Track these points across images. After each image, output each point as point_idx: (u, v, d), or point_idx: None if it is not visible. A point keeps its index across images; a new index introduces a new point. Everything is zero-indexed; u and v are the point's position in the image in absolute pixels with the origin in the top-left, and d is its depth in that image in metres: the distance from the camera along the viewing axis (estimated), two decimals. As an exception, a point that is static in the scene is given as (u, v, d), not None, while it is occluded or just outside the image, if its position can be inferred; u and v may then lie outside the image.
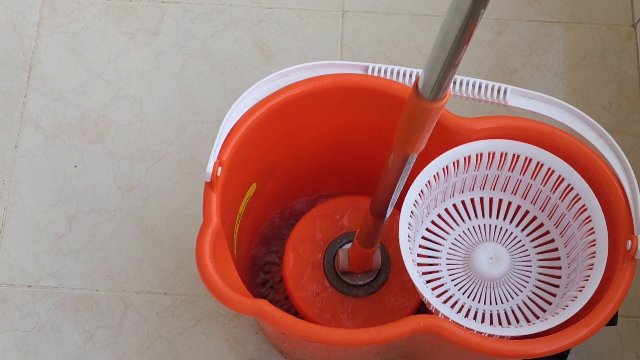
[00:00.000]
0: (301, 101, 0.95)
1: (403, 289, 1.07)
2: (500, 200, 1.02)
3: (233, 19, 1.36)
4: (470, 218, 1.01)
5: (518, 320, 0.96)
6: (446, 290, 0.97)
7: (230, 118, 0.92)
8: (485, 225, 1.01)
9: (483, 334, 0.86)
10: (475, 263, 0.96)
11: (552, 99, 0.94)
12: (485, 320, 0.96)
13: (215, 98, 1.31)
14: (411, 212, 0.93)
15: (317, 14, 1.37)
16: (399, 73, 0.96)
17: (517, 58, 1.34)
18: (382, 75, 0.96)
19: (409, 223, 0.93)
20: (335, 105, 0.98)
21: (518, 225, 1.01)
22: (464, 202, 1.02)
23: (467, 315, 0.96)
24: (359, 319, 1.05)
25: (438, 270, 0.99)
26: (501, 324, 0.96)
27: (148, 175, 1.26)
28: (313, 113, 0.98)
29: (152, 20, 1.36)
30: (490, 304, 0.97)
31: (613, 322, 0.94)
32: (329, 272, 1.08)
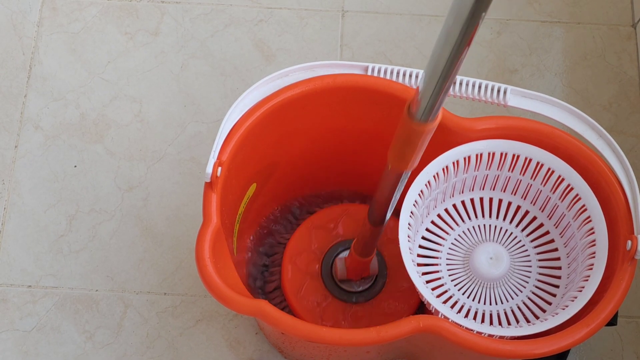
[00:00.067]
0: (301, 101, 0.95)
1: (401, 292, 1.07)
2: (500, 201, 1.02)
3: (233, 19, 1.36)
4: (470, 218, 1.01)
5: (518, 321, 0.96)
6: (446, 291, 0.97)
7: (230, 118, 0.92)
8: (485, 225, 1.01)
9: (483, 334, 0.86)
10: (475, 263, 0.96)
11: (552, 99, 0.94)
12: (485, 320, 0.96)
13: (215, 98, 1.31)
14: (411, 213, 0.93)
15: (317, 14, 1.37)
16: (398, 73, 0.96)
17: (517, 58, 1.34)
18: (382, 75, 0.96)
19: (409, 223, 0.93)
20: (335, 106, 0.98)
21: (518, 226, 1.01)
22: (463, 203, 1.02)
23: (467, 316, 0.96)
24: (360, 325, 1.05)
25: (438, 271, 0.99)
26: (501, 324, 0.96)
27: (148, 175, 1.26)
28: (313, 113, 0.98)
29: (152, 20, 1.36)
30: (490, 304, 0.97)
31: (613, 322, 0.94)
32: (327, 281, 1.08)
